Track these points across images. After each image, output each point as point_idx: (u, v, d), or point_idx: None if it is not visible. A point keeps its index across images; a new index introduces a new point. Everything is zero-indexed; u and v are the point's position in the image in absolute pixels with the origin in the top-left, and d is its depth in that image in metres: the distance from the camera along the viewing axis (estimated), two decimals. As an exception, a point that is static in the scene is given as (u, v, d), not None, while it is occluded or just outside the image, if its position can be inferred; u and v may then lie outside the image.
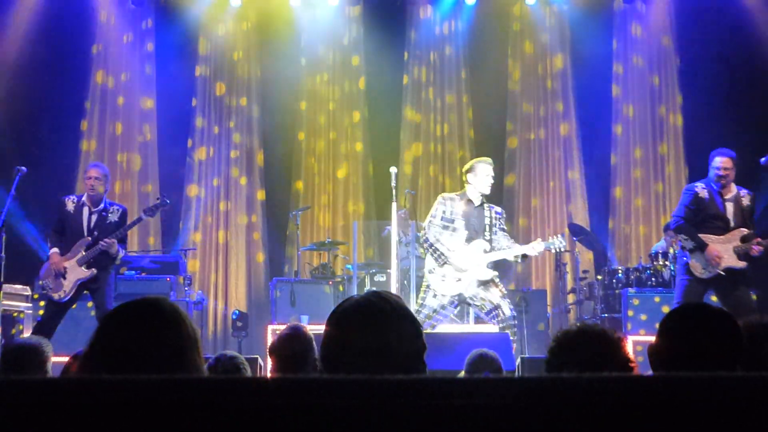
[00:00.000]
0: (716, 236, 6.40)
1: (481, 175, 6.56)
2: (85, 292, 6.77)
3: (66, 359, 3.80)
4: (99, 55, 10.90)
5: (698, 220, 6.48)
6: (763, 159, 6.90)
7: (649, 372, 2.67)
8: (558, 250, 6.71)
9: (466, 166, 6.75)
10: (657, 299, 8.28)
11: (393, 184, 6.77)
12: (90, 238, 6.62)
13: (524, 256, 6.65)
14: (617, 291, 8.82)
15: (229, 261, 10.87)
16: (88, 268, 6.59)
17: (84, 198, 6.76)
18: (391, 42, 11.26)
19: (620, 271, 8.98)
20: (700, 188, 6.54)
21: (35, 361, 3.70)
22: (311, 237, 10.66)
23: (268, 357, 3.92)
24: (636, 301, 8.25)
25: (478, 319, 7.72)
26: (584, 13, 11.18)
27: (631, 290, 8.46)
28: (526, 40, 11.31)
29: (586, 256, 10.61)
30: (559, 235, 6.72)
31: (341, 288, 8.66)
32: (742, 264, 6.33)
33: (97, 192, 6.73)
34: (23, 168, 7.17)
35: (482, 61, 11.33)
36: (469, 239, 6.49)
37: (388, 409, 1.09)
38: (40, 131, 10.45)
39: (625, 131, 11.11)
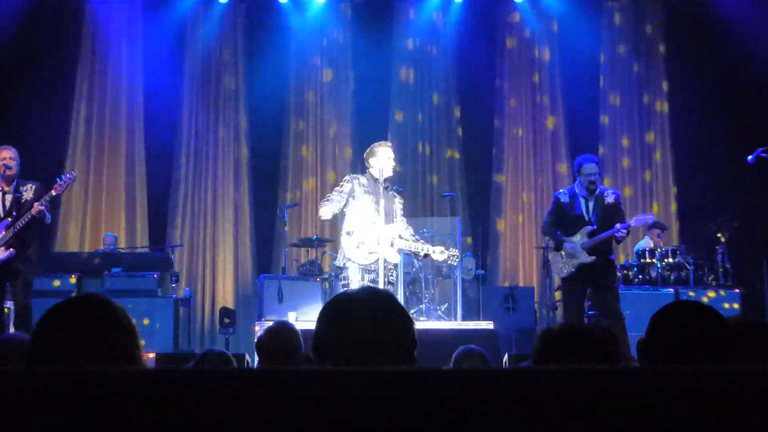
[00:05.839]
0: (572, 236, 6.75)
1: (382, 158, 6.43)
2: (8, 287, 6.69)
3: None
4: (88, 32, 10.83)
5: (560, 222, 6.85)
6: (750, 157, 6.94)
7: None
8: (451, 263, 6.69)
9: (367, 152, 6.59)
10: (645, 296, 8.33)
11: (381, 180, 6.75)
12: (9, 219, 6.56)
13: (426, 256, 6.55)
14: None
15: (216, 257, 10.83)
16: (6, 249, 6.54)
17: None
18: (380, 42, 11.26)
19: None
20: (562, 194, 6.92)
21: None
22: (298, 233, 10.64)
23: (256, 353, 3.92)
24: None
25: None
26: (571, 4, 11.21)
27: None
28: (513, 35, 11.34)
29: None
30: (455, 250, 6.57)
31: (327, 285, 8.64)
32: (590, 258, 6.61)
33: (12, 172, 6.61)
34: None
35: (470, 59, 11.34)
36: (384, 220, 6.32)
37: (375, 401, 1.08)
38: (30, 109, 10.37)
39: (611, 121, 11.18)
